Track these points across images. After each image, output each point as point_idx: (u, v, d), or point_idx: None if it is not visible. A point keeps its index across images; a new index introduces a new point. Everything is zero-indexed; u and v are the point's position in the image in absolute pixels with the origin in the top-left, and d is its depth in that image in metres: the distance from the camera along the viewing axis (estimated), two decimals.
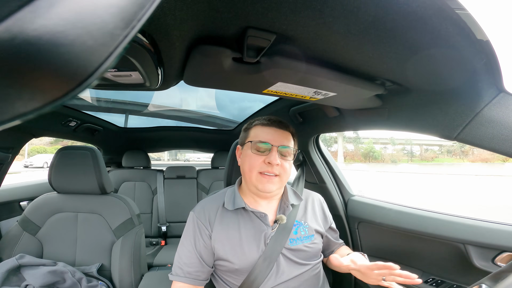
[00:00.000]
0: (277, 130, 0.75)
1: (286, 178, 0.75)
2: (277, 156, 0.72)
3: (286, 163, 0.74)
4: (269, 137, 0.73)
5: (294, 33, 0.45)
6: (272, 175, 0.72)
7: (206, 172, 2.36)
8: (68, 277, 0.98)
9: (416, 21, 0.39)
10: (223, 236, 0.74)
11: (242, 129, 0.83)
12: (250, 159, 0.74)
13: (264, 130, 0.75)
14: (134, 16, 0.13)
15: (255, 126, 0.78)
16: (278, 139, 0.74)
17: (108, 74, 0.50)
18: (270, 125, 0.76)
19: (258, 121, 0.79)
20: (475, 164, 28.56)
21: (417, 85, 0.62)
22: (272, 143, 0.73)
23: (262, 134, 0.75)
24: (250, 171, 0.73)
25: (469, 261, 0.79)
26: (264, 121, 0.77)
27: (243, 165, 0.77)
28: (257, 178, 0.72)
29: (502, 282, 0.43)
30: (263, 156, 0.72)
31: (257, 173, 0.72)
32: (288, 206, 0.79)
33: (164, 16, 0.37)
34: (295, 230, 0.77)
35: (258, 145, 0.73)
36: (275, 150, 0.72)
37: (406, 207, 1.02)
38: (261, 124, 0.77)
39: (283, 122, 0.78)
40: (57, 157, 1.11)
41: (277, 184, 0.73)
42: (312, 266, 0.78)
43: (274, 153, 0.72)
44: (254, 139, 0.75)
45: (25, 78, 0.12)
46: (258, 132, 0.76)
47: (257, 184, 0.73)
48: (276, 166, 0.71)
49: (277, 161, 0.71)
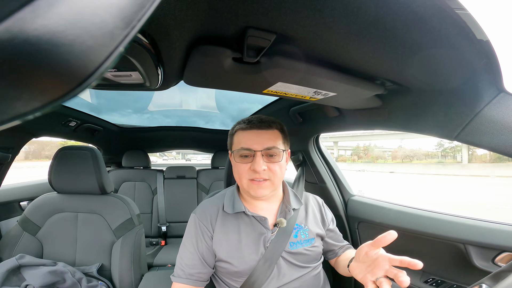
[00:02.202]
0: (258, 132, 0.71)
1: (277, 180, 0.72)
2: (261, 162, 0.68)
3: (274, 165, 0.70)
4: (250, 142, 0.70)
5: (294, 33, 0.45)
6: (261, 180, 0.70)
7: (206, 172, 2.36)
8: (68, 277, 0.98)
9: (416, 21, 0.39)
10: (224, 239, 0.74)
11: (228, 135, 0.80)
12: (237, 167, 0.72)
13: (245, 135, 0.71)
14: (134, 16, 0.13)
15: (236, 132, 0.74)
16: (259, 142, 0.69)
17: (108, 74, 0.50)
18: (250, 128, 0.71)
19: (238, 125, 0.74)
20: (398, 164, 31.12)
21: (417, 85, 0.62)
22: (254, 147, 0.69)
23: (243, 140, 0.71)
24: (241, 180, 0.72)
25: (469, 261, 0.79)
26: (243, 125, 0.73)
27: (234, 173, 0.75)
28: (248, 185, 0.71)
29: (502, 282, 0.43)
30: (249, 164, 0.70)
31: (247, 180, 0.71)
32: (290, 210, 0.78)
33: (164, 16, 0.37)
34: (295, 234, 0.77)
35: (240, 153, 0.71)
36: (259, 155, 0.68)
37: (406, 207, 1.02)
38: (241, 129, 0.73)
39: (264, 121, 0.72)
40: (57, 157, 1.11)
41: (269, 188, 0.71)
42: (313, 268, 0.78)
43: (257, 159, 0.68)
44: (236, 147, 0.72)
45: (25, 78, 0.12)
46: (240, 138, 0.72)
47: (249, 190, 0.72)
48: (263, 171, 0.69)
49: (262, 167, 0.68)
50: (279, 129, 0.74)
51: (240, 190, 0.80)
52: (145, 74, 0.51)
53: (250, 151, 0.69)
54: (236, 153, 0.72)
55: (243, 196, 0.80)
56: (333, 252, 0.89)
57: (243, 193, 0.79)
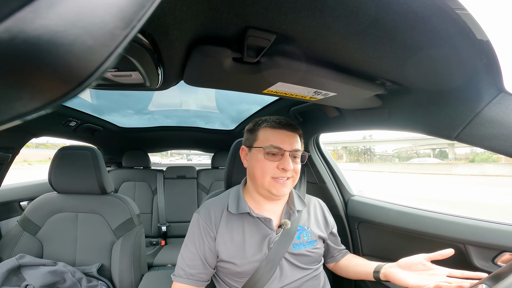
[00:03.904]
0: (287, 133, 0.73)
1: (297, 178, 0.75)
2: (290, 161, 0.70)
3: (297, 165, 0.73)
4: (281, 141, 0.71)
5: (294, 33, 0.45)
6: (285, 179, 0.72)
7: (206, 172, 2.36)
8: (68, 277, 0.98)
9: (416, 21, 0.39)
10: (227, 239, 0.74)
11: (247, 129, 0.80)
12: (262, 164, 0.71)
13: (275, 134, 0.72)
14: (134, 16, 0.13)
15: (264, 128, 0.75)
16: (289, 143, 0.72)
17: (108, 74, 0.50)
18: (280, 127, 0.73)
19: (266, 122, 0.75)
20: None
21: (417, 85, 0.62)
22: (285, 148, 0.71)
23: (273, 138, 0.72)
24: (263, 177, 0.72)
25: (469, 261, 0.79)
26: (273, 123, 0.74)
27: (254, 169, 0.74)
28: (270, 183, 0.71)
29: (502, 282, 0.43)
30: (276, 162, 0.71)
31: (270, 178, 0.71)
32: (294, 212, 0.78)
33: (164, 16, 0.37)
34: (298, 235, 0.77)
35: (269, 150, 0.71)
36: (288, 155, 0.70)
37: (406, 207, 1.02)
38: (270, 127, 0.74)
39: (292, 124, 0.75)
40: (57, 157, 1.11)
41: (290, 186, 0.74)
42: (314, 269, 0.78)
43: (287, 159, 0.70)
44: (265, 143, 0.72)
45: (25, 78, 0.12)
46: (268, 136, 0.73)
47: (270, 189, 0.72)
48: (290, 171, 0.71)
49: (291, 167, 0.70)
50: (299, 135, 0.77)
51: (251, 188, 0.79)
52: (145, 74, 0.51)
53: (280, 149, 0.71)
54: (264, 150, 0.71)
55: (250, 195, 0.79)
56: (331, 256, 0.89)
57: (254, 191, 0.78)
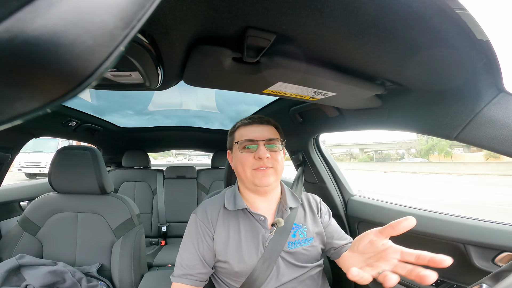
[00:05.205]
0: (259, 126, 0.78)
1: (280, 168, 0.77)
2: (264, 150, 0.74)
3: (275, 154, 0.76)
4: (254, 134, 0.76)
5: (294, 33, 0.45)
6: (265, 168, 0.74)
7: (206, 172, 2.36)
8: (68, 277, 0.98)
9: (416, 21, 0.39)
10: (225, 238, 0.74)
11: (228, 134, 0.85)
12: (241, 158, 0.76)
13: (248, 129, 0.78)
14: (134, 16, 0.13)
15: (238, 128, 0.81)
16: (262, 134, 0.76)
17: (108, 74, 0.50)
18: (251, 123, 0.79)
19: (240, 122, 0.82)
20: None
21: (417, 85, 0.62)
22: (257, 139, 0.75)
23: (246, 133, 0.78)
24: (244, 170, 0.75)
25: (469, 261, 0.79)
26: (245, 121, 0.81)
27: (236, 166, 0.79)
28: (252, 174, 0.74)
29: (502, 282, 0.43)
30: (252, 153, 0.75)
31: (251, 170, 0.74)
32: (287, 210, 0.79)
33: (164, 16, 0.37)
34: (293, 233, 0.77)
35: (244, 144, 0.76)
36: (262, 144, 0.74)
37: (406, 207, 1.02)
38: (243, 125, 0.80)
39: (263, 117, 0.81)
40: (57, 157, 1.10)
41: (273, 175, 0.75)
42: (312, 267, 0.78)
43: (261, 148, 0.74)
44: (240, 139, 0.77)
45: (25, 78, 0.12)
46: (242, 133, 0.79)
47: (253, 180, 0.74)
48: (267, 159, 0.73)
49: (266, 154, 0.73)
50: (275, 127, 0.81)
51: (242, 187, 0.81)
52: (145, 74, 0.51)
53: (253, 141, 0.75)
54: (239, 145, 0.77)
55: (244, 194, 0.80)
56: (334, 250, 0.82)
57: (245, 189, 0.80)
